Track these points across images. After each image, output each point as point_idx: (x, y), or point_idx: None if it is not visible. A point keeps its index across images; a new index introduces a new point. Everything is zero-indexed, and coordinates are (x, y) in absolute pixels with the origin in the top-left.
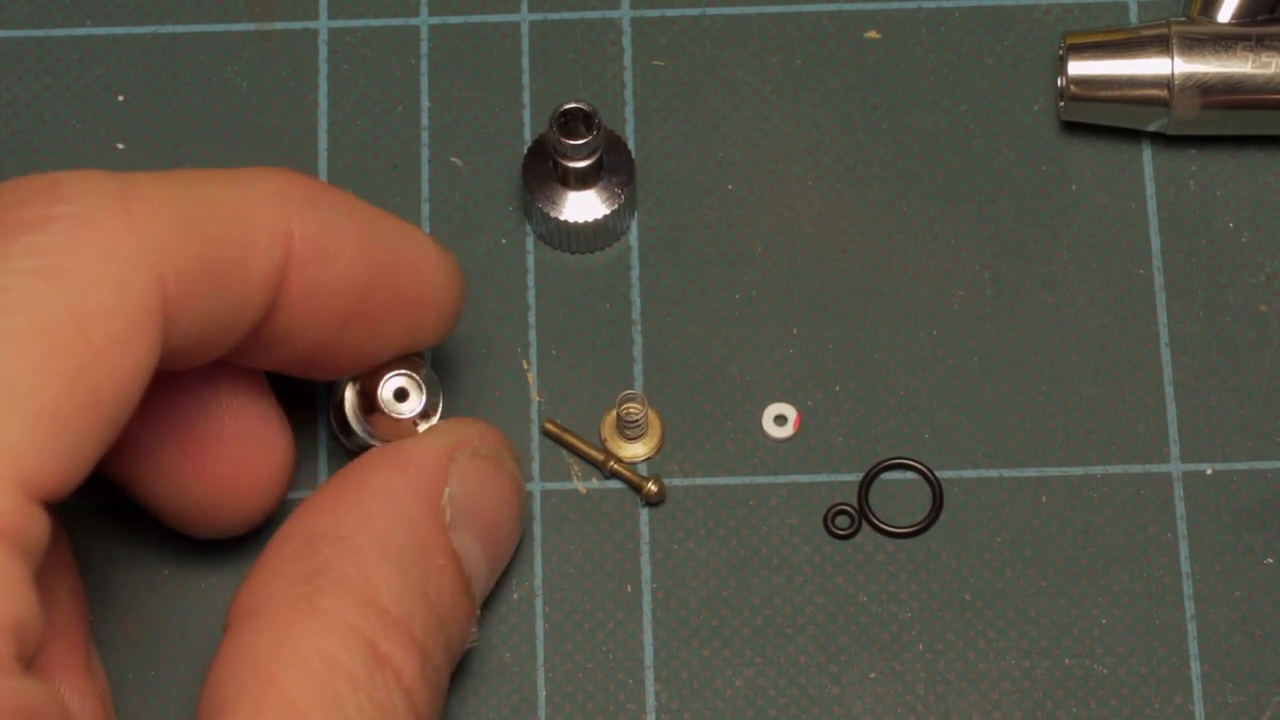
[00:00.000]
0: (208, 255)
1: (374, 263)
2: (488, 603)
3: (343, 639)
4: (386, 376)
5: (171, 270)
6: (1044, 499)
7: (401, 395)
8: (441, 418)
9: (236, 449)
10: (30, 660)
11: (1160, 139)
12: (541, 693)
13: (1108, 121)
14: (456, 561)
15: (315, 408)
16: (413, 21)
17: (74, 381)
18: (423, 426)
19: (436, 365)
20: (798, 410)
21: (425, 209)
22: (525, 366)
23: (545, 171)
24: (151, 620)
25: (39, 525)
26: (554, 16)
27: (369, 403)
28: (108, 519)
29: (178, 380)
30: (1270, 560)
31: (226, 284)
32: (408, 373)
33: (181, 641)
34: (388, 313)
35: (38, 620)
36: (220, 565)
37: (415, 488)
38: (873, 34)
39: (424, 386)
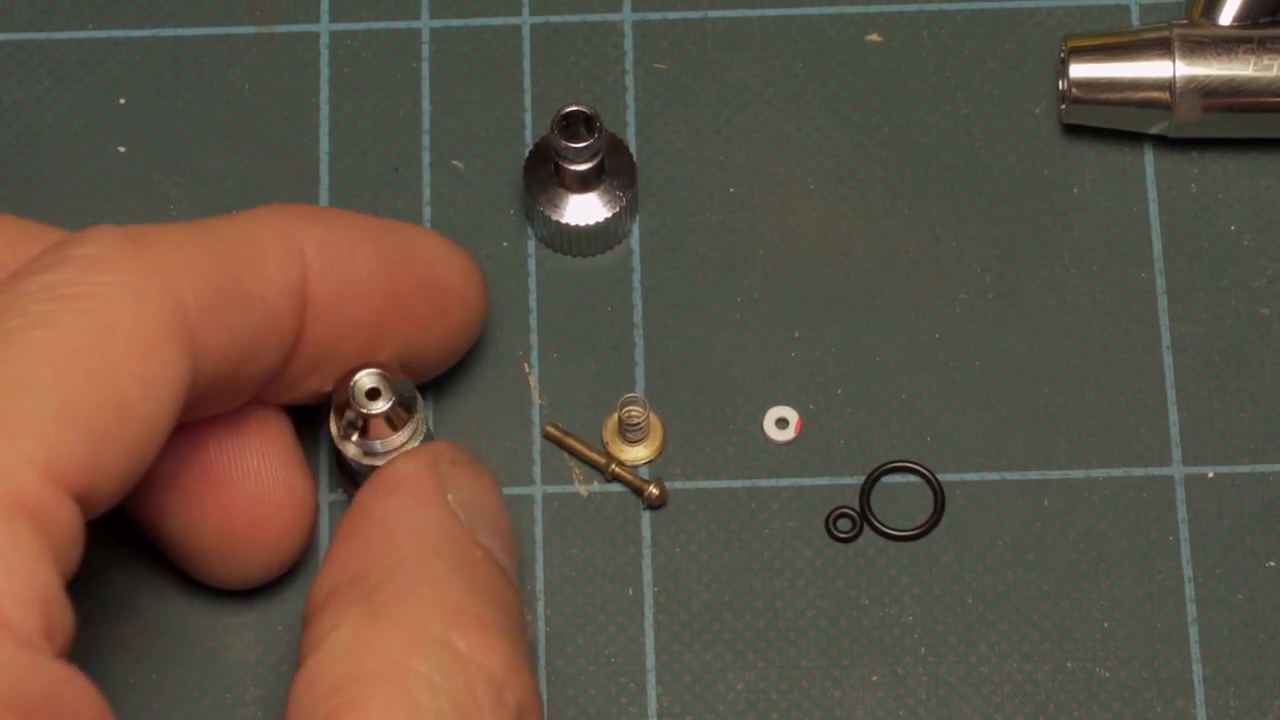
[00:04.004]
0: (220, 272)
1: (389, 257)
2: None
3: (416, 645)
4: (357, 375)
5: (188, 288)
6: (1046, 502)
7: (373, 394)
8: (438, 428)
9: (259, 485)
10: (60, 652)
11: (1162, 142)
12: (543, 696)
13: (1109, 124)
14: (491, 555)
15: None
16: (414, 24)
17: (98, 383)
18: (401, 438)
19: None
20: (799, 413)
21: (427, 212)
22: (527, 370)
23: (547, 175)
24: (152, 624)
25: (68, 514)
26: (555, 19)
27: (346, 424)
28: (107, 522)
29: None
30: (1272, 563)
31: (245, 299)
32: (377, 371)
33: (182, 646)
34: (420, 305)
35: (66, 611)
36: None
37: (422, 499)
38: (874, 37)
39: (393, 387)
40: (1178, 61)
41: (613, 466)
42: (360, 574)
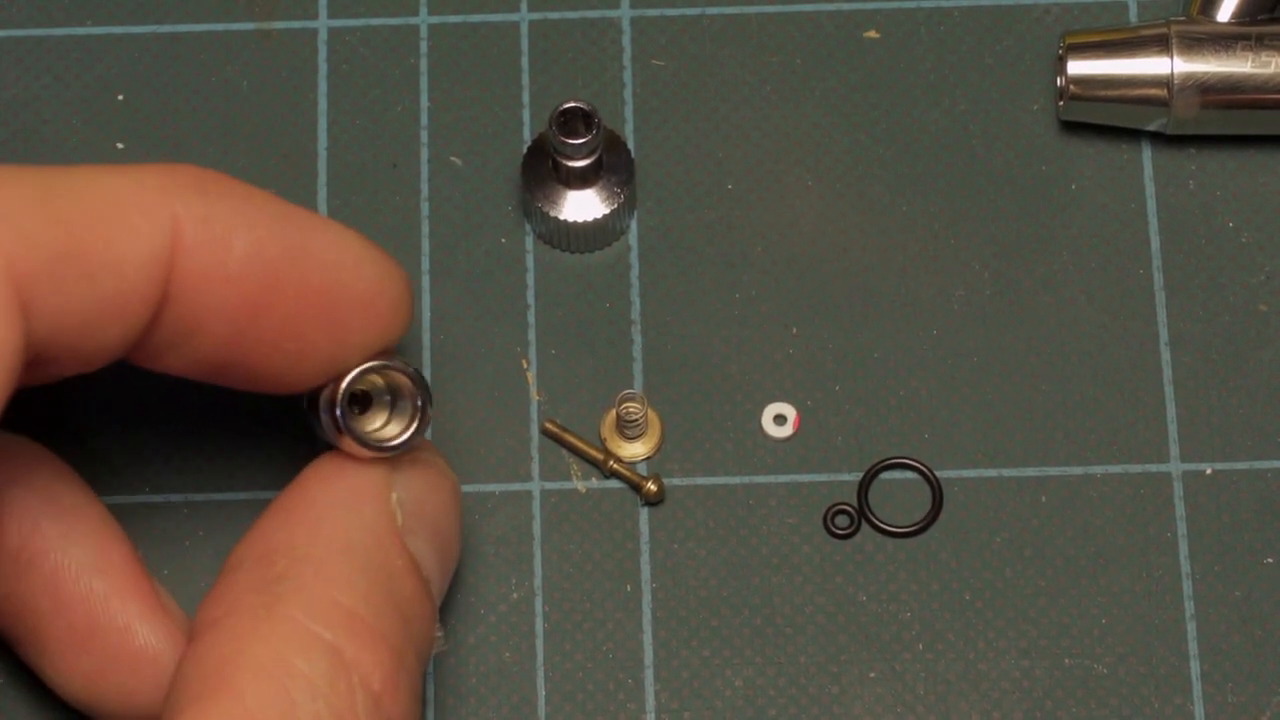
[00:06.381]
0: (67, 236)
1: (278, 249)
2: (488, 603)
3: (302, 645)
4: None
5: (22, 249)
6: (1043, 499)
7: (367, 402)
8: (436, 424)
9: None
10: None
11: (1160, 138)
12: (541, 692)
13: (1107, 121)
14: (415, 563)
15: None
16: (412, 21)
17: None
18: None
19: (436, 367)
20: (797, 410)
21: (425, 208)
22: (525, 366)
23: (545, 171)
24: None
25: None
26: (553, 16)
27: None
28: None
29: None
30: (1270, 560)
31: (93, 268)
32: (377, 374)
33: None
34: (303, 307)
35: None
36: (220, 567)
37: (362, 493)
38: (872, 33)
39: (398, 401)
40: (1175, 58)
41: (611, 463)
42: (270, 555)
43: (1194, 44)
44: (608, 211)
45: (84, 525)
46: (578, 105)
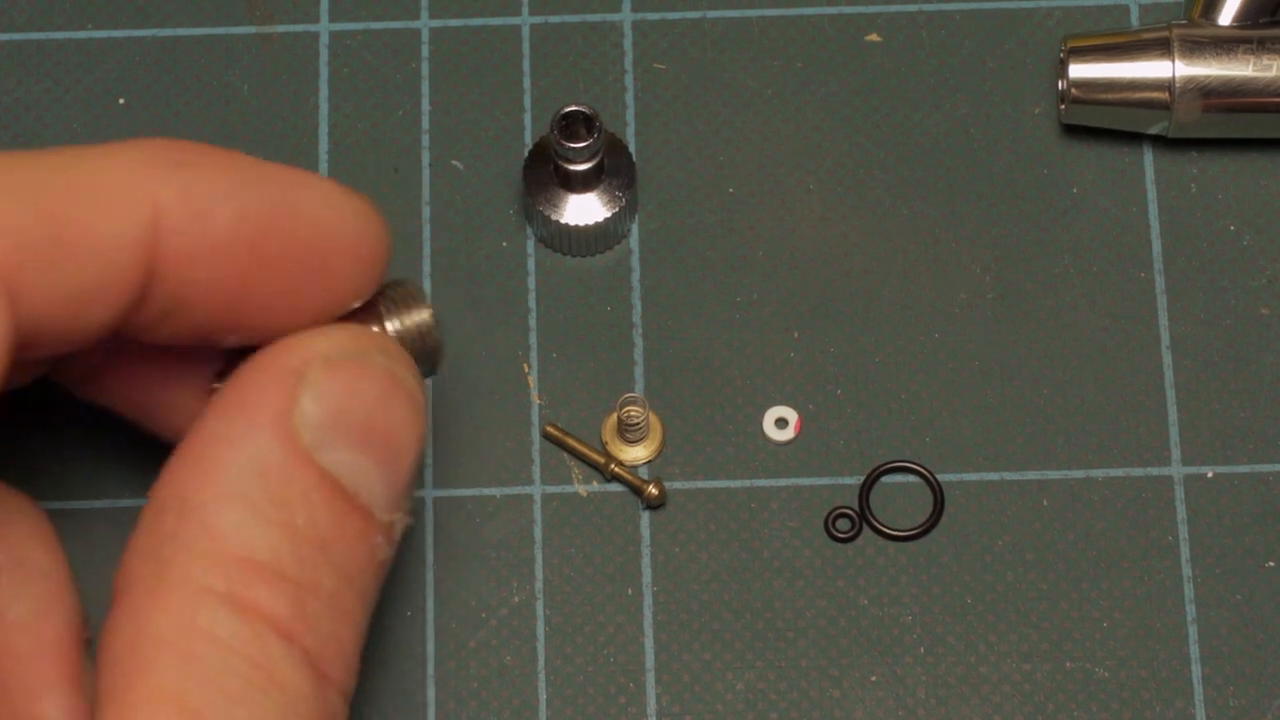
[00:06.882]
0: (48, 224)
1: (259, 212)
2: (489, 606)
3: (200, 604)
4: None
5: (5, 240)
6: (1045, 502)
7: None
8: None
9: None
10: None
11: (1161, 142)
12: (542, 696)
13: (1109, 125)
14: (329, 481)
15: None
16: (413, 24)
17: None
18: None
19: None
20: (799, 413)
21: (426, 212)
22: (526, 369)
23: (546, 175)
24: None
25: None
26: (555, 19)
27: None
28: (106, 520)
29: None
30: (1271, 563)
31: (75, 254)
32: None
33: None
34: (291, 266)
35: None
36: None
37: (254, 422)
38: (874, 37)
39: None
40: (1177, 62)
41: (612, 466)
42: (161, 511)
43: (1195, 47)
44: (609, 215)
45: (36, 584)
46: (579, 109)
